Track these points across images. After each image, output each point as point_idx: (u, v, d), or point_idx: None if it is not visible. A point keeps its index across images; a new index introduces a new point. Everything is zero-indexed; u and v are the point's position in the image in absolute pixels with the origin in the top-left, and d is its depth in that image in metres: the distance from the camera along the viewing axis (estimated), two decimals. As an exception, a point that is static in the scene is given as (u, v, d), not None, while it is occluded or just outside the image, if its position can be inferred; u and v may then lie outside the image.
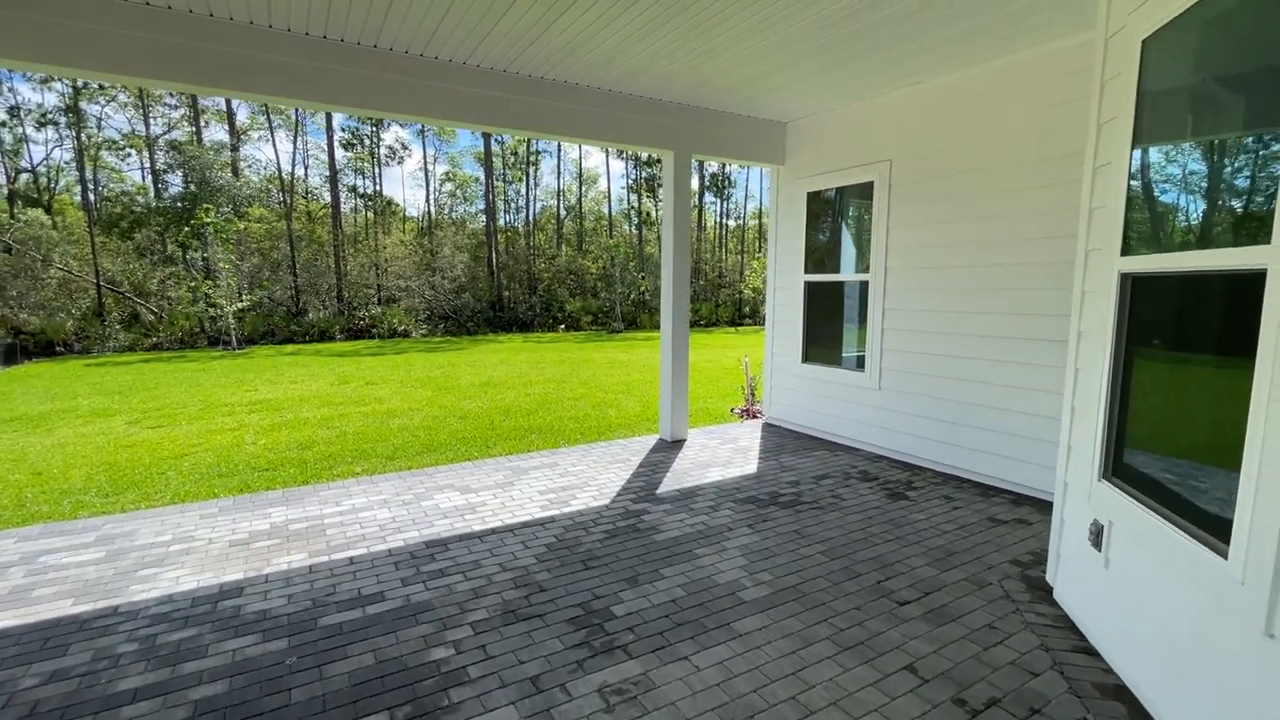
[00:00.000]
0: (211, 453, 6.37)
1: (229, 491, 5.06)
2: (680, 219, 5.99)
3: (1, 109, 32.44)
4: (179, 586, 3.22)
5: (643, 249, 40.55)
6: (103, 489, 5.21)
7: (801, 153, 6.38)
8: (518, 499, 4.57)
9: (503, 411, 8.26)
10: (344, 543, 3.77)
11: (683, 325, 6.13)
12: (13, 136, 35.17)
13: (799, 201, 6.43)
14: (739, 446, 6.05)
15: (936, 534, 3.89)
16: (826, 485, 4.85)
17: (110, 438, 7.30)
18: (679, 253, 6.01)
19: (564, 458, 5.68)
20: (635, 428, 7.19)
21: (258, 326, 27.75)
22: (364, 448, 6.40)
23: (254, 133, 40.65)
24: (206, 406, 9.32)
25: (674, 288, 6.04)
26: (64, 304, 26.46)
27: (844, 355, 6.30)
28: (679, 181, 5.93)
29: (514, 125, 5.06)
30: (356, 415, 8.22)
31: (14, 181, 32.99)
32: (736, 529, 3.96)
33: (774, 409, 7.00)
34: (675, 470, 5.26)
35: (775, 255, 6.86)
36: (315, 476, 5.40)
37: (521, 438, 6.72)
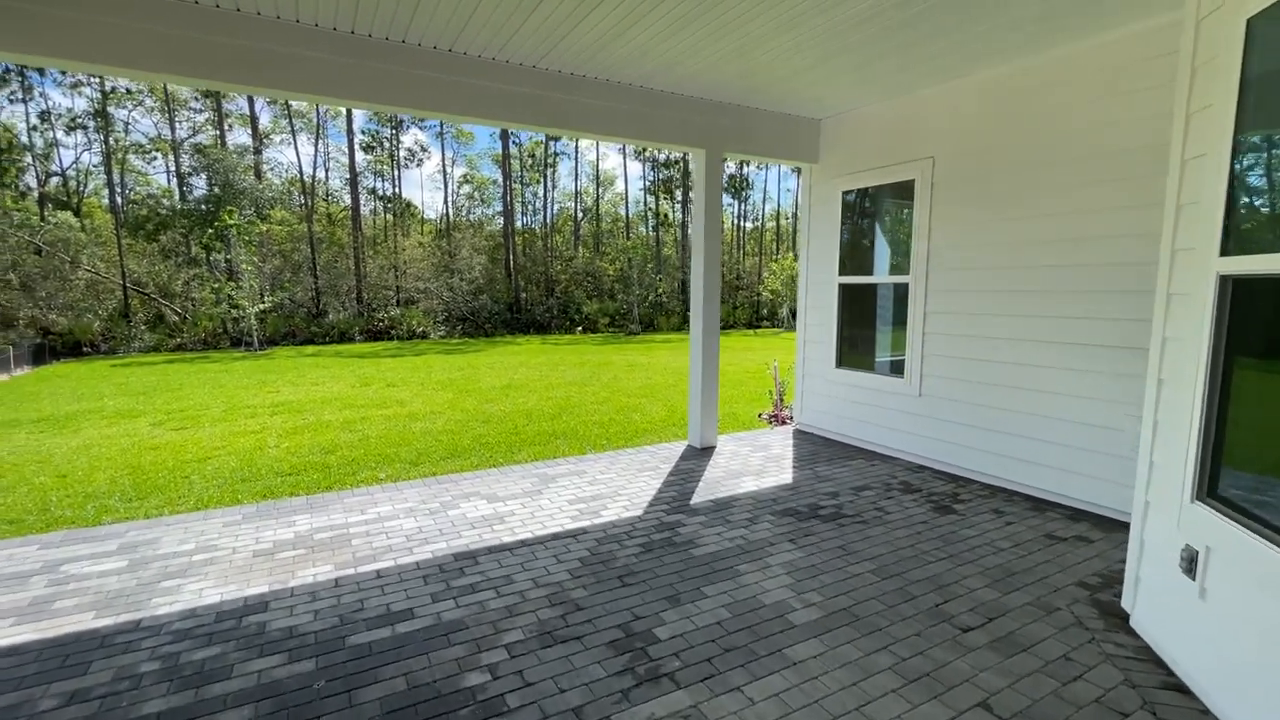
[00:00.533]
0: (234, 456, 6.30)
1: (252, 497, 4.97)
2: (712, 219, 5.81)
3: (33, 114, 33.12)
4: (203, 599, 3.10)
5: (660, 251, 40.42)
6: (126, 493, 5.14)
7: (836, 150, 6.17)
8: (547, 509, 4.41)
9: (525, 415, 8.13)
10: (370, 554, 3.63)
11: (713, 328, 5.95)
12: (44, 141, 35.92)
13: (833, 201, 6.22)
14: (771, 454, 5.85)
15: (991, 551, 3.66)
16: (868, 497, 4.64)
17: (135, 439, 7.27)
18: (710, 253, 5.83)
19: (591, 465, 5.52)
20: (662, 433, 7.01)
21: (279, 327, 28.04)
22: (387, 452, 6.29)
23: (276, 136, 41.18)
24: (229, 408, 9.31)
25: (704, 289, 5.86)
26: (91, 305, 26.92)
27: (881, 360, 6.08)
28: (710, 180, 5.75)
29: (543, 123, 4.92)
30: (378, 418, 8.14)
31: (44, 185, 33.67)
32: (778, 544, 3.77)
33: (805, 415, 6.78)
34: (708, 479, 5.08)
35: (807, 256, 6.65)
36: (339, 482, 5.29)
37: (546, 443, 6.58)
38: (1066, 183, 4.28)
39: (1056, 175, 4.34)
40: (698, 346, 5.95)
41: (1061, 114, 4.31)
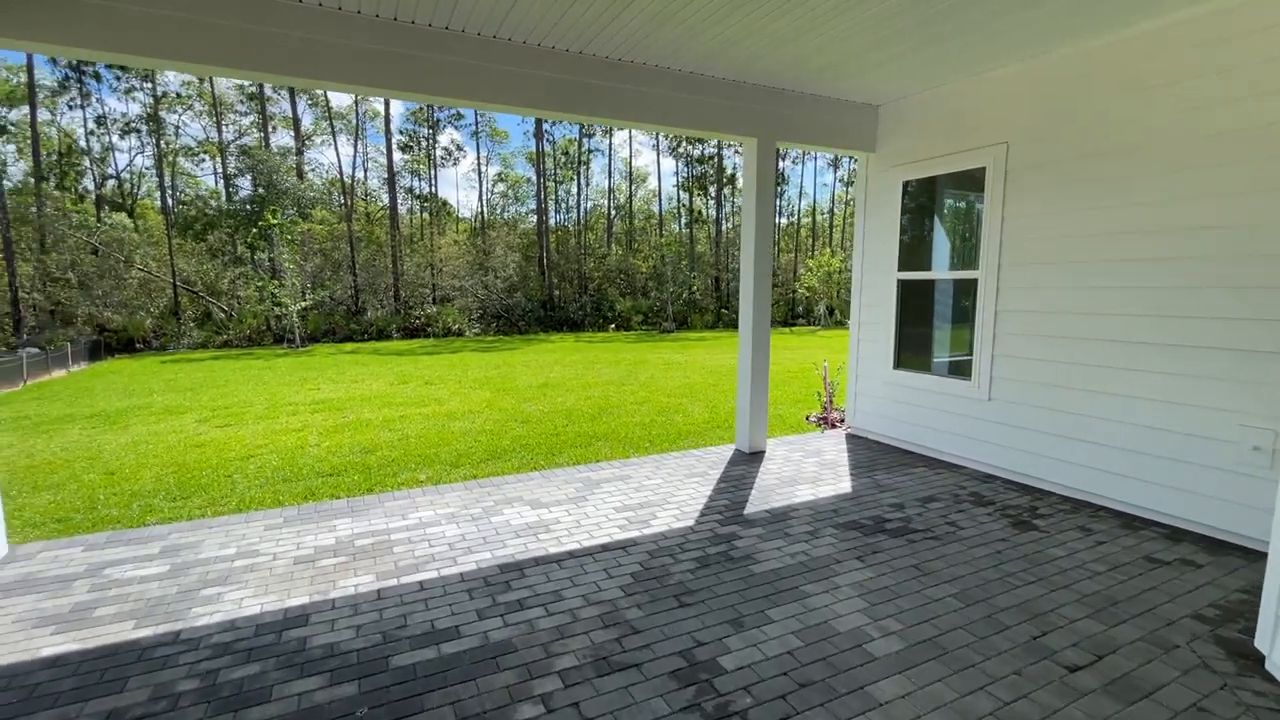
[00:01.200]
0: (276, 454, 6.27)
1: (293, 498, 4.89)
2: (763, 211, 5.52)
3: (90, 119, 34.47)
4: (242, 610, 2.97)
5: (694, 248, 40.04)
6: (171, 492, 5.12)
7: (896, 138, 5.81)
8: (593, 516, 4.20)
9: (564, 415, 7.96)
10: (413, 563, 3.47)
11: (764, 325, 5.66)
12: (100, 145, 37.38)
13: (892, 192, 5.86)
14: (825, 460, 5.53)
15: (1086, 575, 3.31)
16: (936, 509, 4.30)
17: (181, 436, 7.33)
18: (760, 247, 5.55)
19: (636, 469, 5.30)
20: (706, 436, 6.75)
21: (319, 325, 28.61)
22: (427, 453, 6.18)
23: (317, 137, 42.09)
24: (272, 405, 9.38)
25: (754, 284, 5.57)
26: (144, 303, 27.87)
27: (943, 361, 5.71)
28: (762, 171, 5.46)
29: (586, 111, 4.70)
30: (417, 417, 8.06)
31: (101, 187, 35.04)
32: (844, 561, 3.48)
33: (859, 419, 6.44)
34: (760, 487, 4.80)
35: (862, 251, 6.30)
36: (379, 484, 5.18)
37: (588, 445, 6.38)
38: (1166, 167, 3.87)
39: (1148, 160, 3.94)
40: (747, 345, 5.67)
41: (1158, 91, 3.90)
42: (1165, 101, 3.86)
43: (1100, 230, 4.23)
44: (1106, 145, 4.17)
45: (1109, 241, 4.18)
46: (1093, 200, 4.26)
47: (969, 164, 5.14)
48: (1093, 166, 4.25)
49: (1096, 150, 4.22)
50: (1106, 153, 4.17)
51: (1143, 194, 3.98)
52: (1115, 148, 4.12)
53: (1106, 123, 4.16)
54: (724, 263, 41.56)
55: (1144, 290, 4.01)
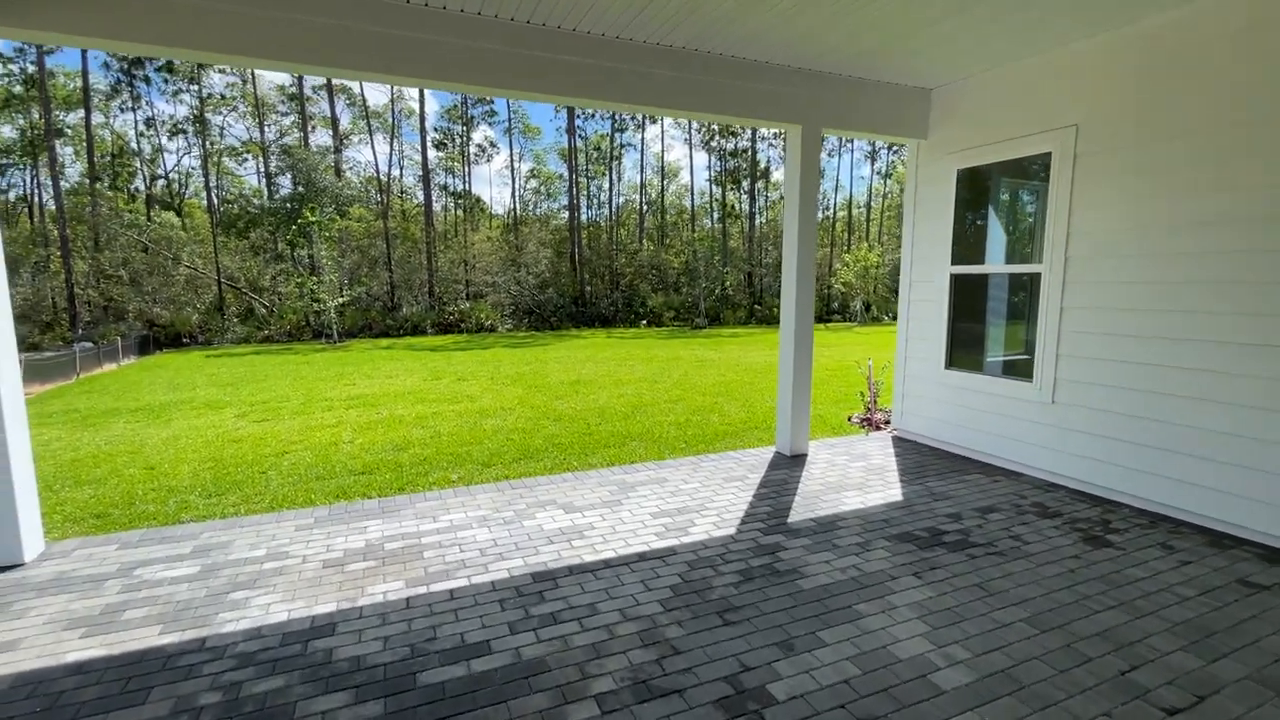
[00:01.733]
0: (310, 451, 6.26)
1: (325, 497, 4.83)
2: (807, 203, 5.25)
3: (140, 121, 35.74)
4: (269, 617, 2.87)
5: (726, 243, 39.57)
6: (206, 488, 5.12)
7: (950, 123, 5.46)
8: (628, 522, 4.02)
9: (597, 414, 7.81)
10: (443, 570, 3.34)
11: (806, 324, 5.39)
12: (151, 146, 38.74)
13: (945, 181, 5.52)
14: (871, 465, 5.25)
15: (1175, 600, 2.99)
16: (997, 521, 4.00)
17: (220, 431, 7.41)
18: (804, 241, 5.28)
19: (672, 471, 5.10)
20: (744, 437, 6.51)
21: (356, 321, 29.13)
22: (459, 451, 6.09)
23: (355, 136, 42.87)
24: (308, 400, 9.46)
25: (797, 281, 5.31)
26: (190, 299, 28.77)
27: (1000, 361, 5.36)
28: (806, 160, 5.19)
29: (626, 99, 4.50)
30: (450, 414, 8.01)
31: (151, 187, 36.32)
32: (900, 578, 3.23)
33: (906, 421, 6.12)
34: (804, 493, 4.56)
35: (911, 244, 5.97)
36: (411, 483, 5.09)
37: (621, 445, 6.21)
38: (1263, 148, 3.49)
39: (1260, 136, 3.55)
40: (788, 343, 5.41)
41: (1243, 66, 3.51)
42: (1265, 72, 3.48)
43: (1185, 219, 3.86)
44: (1199, 123, 3.79)
45: (1196, 232, 3.81)
46: (1179, 186, 3.89)
47: (1032, 149, 4.79)
48: (1180, 148, 3.88)
49: (1187, 128, 3.84)
50: (1196, 130, 3.79)
51: (1244, 177, 3.60)
52: (1210, 125, 3.74)
53: (1202, 98, 3.78)
54: (757, 258, 40.97)
55: (1237, 285, 3.64)
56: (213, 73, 35.34)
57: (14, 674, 2.47)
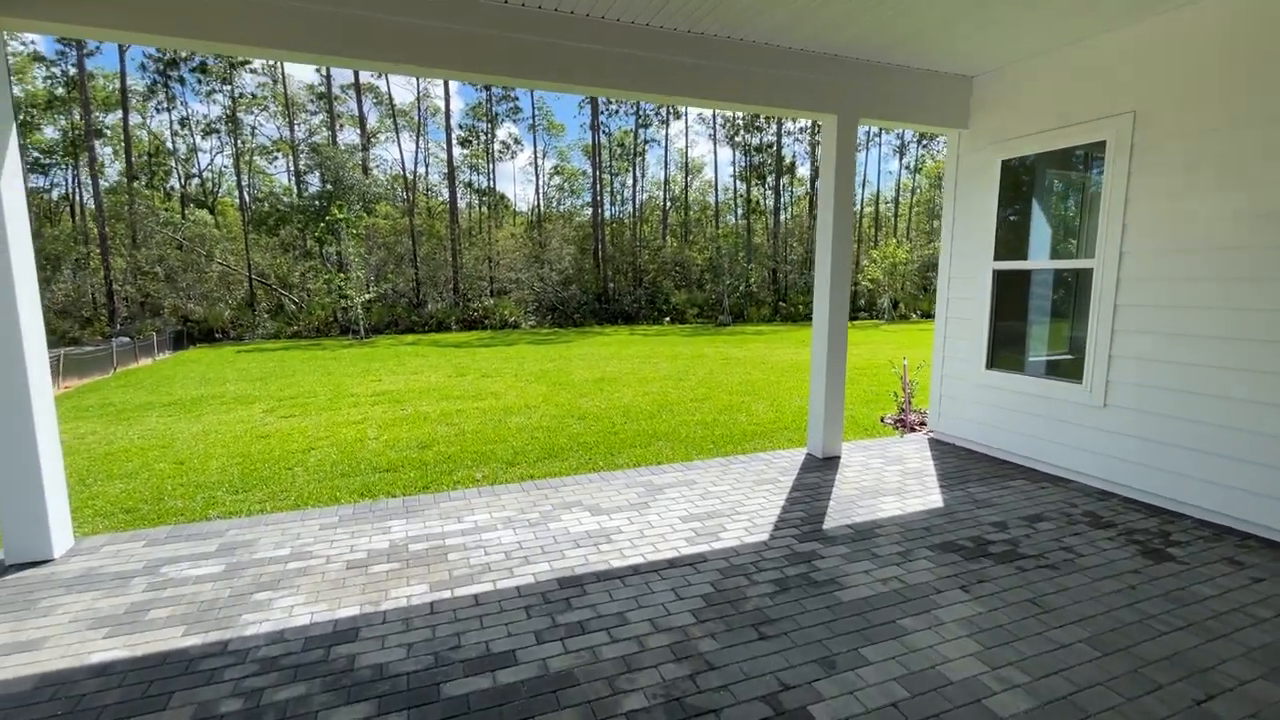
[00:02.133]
0: (336, 448, 6.25)
1: (350, 494, 4.79)
2: (843, 196, 5.06)
3: (175, 121, 36.59)
4: (292, 620, 2.81)
5: (750, 239, 39.17)
6: (234, 484, 5.13)
7: (993, 112, 5.22)
8: (657, 526, 3.89)
9: (622, 413, 7.70)
10: (468, 573, 3.26)
11: (841, 322, 5.21)
12: (185, 145, 39.66)
13: (988, 173, 5.28)
14: (909, 469, 5.05)
15: (1249, 621, 2.77)
16: (1047, 531, 3.78)
17: (248, 426, 7.47)
18: (839, 236, 5.09)
19: (701, 473, 4.97)
20: (773, 438, 6.34)
21: (383, 317, 29.47)
22: (483, 449, 6.03)
23: (381, 134, 43.38)
24: (335, 396, 9.52)
25: (832, 277, 5.12)
26: (222, 295, 29.38)
27: (1046, 361, 5.12)
28: (842, 152, 5.00)
29: (647, 88, 4.35)
30: (474, 411, 7.97)
31: (185, 186, 37.20)
32: (946, 591, 3.05)
33: (943, 422, 5.89)
34: (839, 497, 4.38)
35: (951, 238, 5.73)
36: (435, 482, 5.03)
37: (647, 445, 6.09)
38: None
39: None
40: (822, 341, 5.23)
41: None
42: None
43: (1254, 213, 3.60)
44: (1275, 108, 3.52)
45: (1266, 225, 3.55)
46: (1252, 175, 3.63)
47: (1084, 138, 4.53)
48: (1254, 134, 3.61)
49: (1266, 114, 3.57)
50: (1277, 117, 3.52)
51: (1317, 166, 3.34)
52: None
53: (1273, 79, 3.51)
54: (782, 254, 40.50)
55: (1315, 281, 3.37)
56: (244, 73, 36.03)
57: (38, 674, 2.44)
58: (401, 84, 73.21)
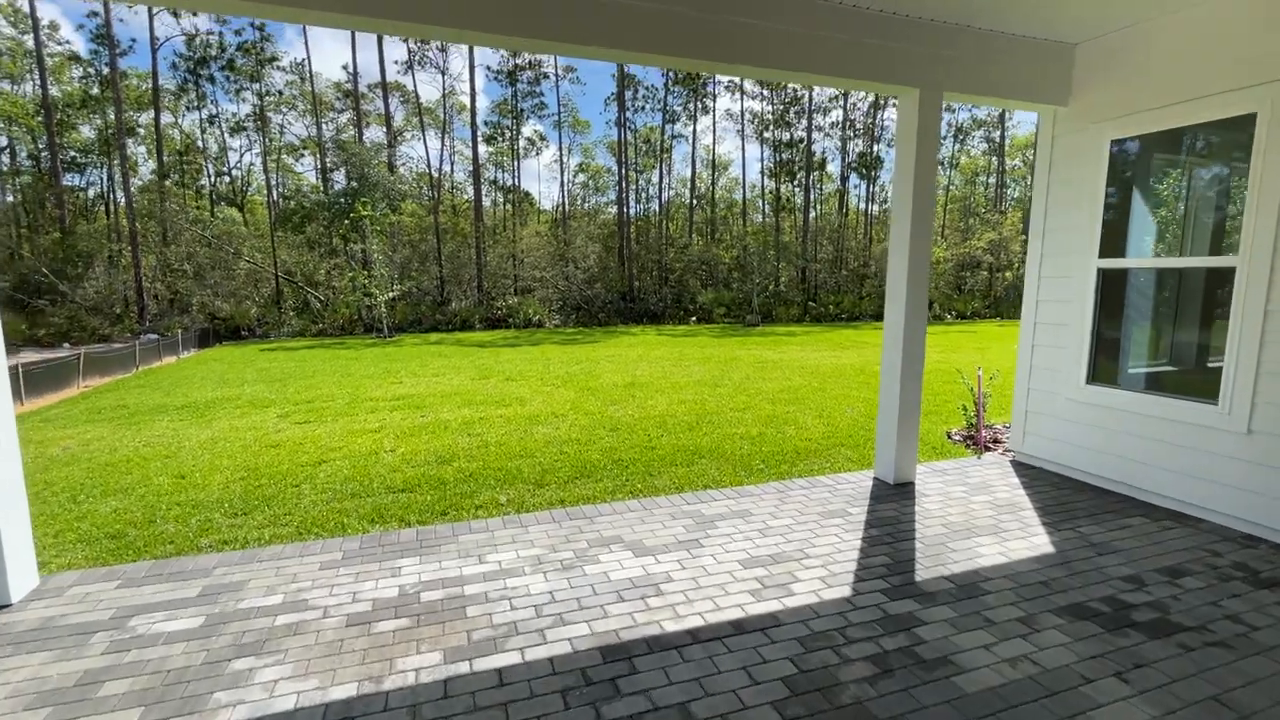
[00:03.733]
0: (349, 461, 5.75)
1: (359, 521, 4.25)
2: (924, 182, 4.37)
3: (205, 119, 36.92)
4: (274, 701, 2.25)
5: (779, 238, 38.22)
6: (234, 504, 4.63)
7: (1102, 84, 4.48)
8: (713, 572, 3.27)
9: (658, 423, 7.08)
10: (490, 637, 2.67)
11: (918, 328, 4.52)
12: (217, 145, 40.07)
13: (1093, 155, 4.54)
14: (998, 500, 4.34)
15: None
16: (1196, 591, 3.07)
17: (259, 434, 7.03)
18: (918, 229, 4.41)
19: (755, 501, 4.33)
20: (829, 457, 5.67)
21: (407, 315, 29.26)
22: (507, 466, 5.46)
23: (408, 133, 43.37)
24: (353, 400, 9.07)
25: (909, 276, 4.44)
26: (250, 292, 29.46)
27: (1165, 376, 4.37)
28: (924, 132, 4.31)
29: (707, 55, 3.73)
30: (498, 420, 7.43)
31: (215, 183, 37.56)
32: (1099, 680, 2.37)
33: (1029, 442, 5.16)
34: (925, 537, 3.71)
35: (1042, 232, 5.00)
36: (454, 506, 4.47)
37: (690, 464, 5.46)
38: None
39: None
40: (895, 347, 4.55)
41: None
42: None
43: None
44: None
45: None
46: None
47: (1223, 111, 3.79)
48: None
49: None
50: None
51: None
52: None
53: None
54: (811, 253, 39.51)
55: None
56: (273, 70, 36.19)
57: (-57, 785, 1.91)
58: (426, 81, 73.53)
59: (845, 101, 41.53)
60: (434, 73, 56.42)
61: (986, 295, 39.41)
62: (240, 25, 33.83)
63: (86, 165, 36.03)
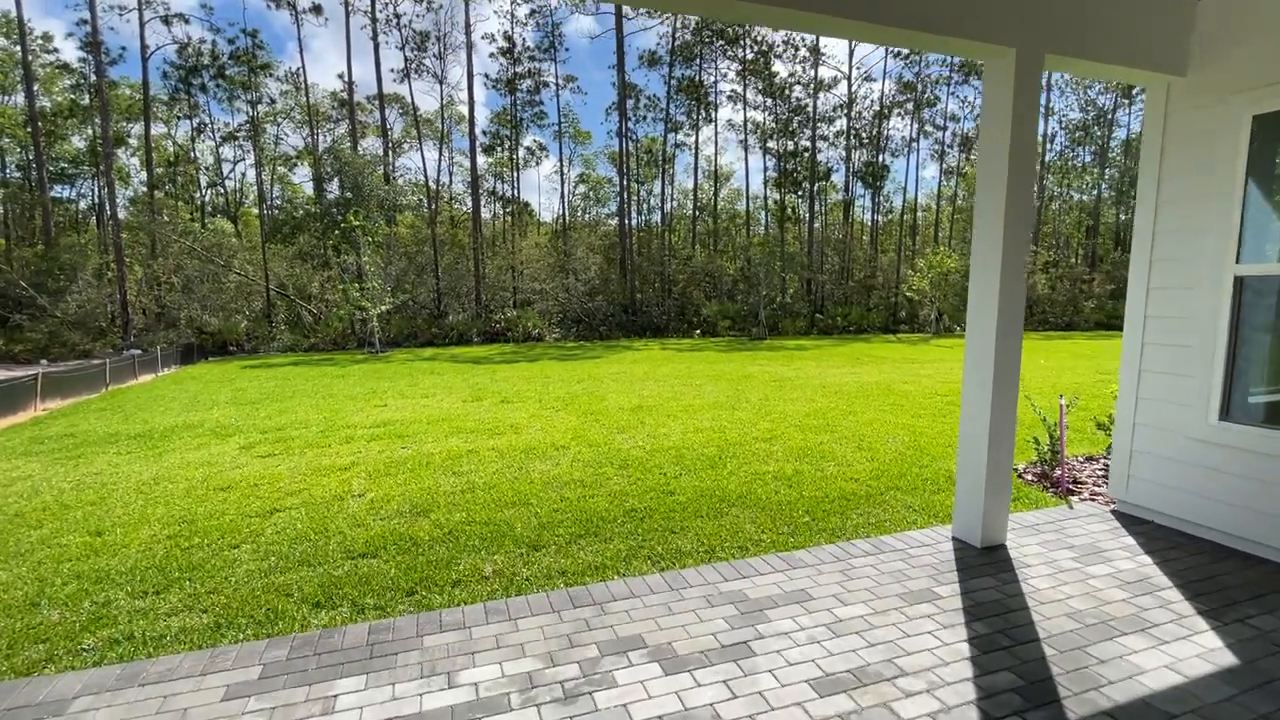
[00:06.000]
0: (306, 510, 4.79)
1: (300, 602, 3.29)
2: (1020, 161, 3.46)
3: (196, 130, 36.24)
4: None
5: (784, 248, 37.39)
6: (149, 576, 3.67)
7: (1234, 48, 3.59)
8: (776, 705, 2.31)
9: (674, 457, 6.12)
10: None
11: (1012, 342, 3.59)
12: (214, 157, 39.42)
13: (1225, 136, 3.64)
14: (1120, 572, 3.39)
15: None
16: None
17: (212, 470, 6.07)
18: (1013, 222, 3.49)
19: (813, 576, 3.37)
20: (884, 503, 4.71)
21: (402, 329, 28.34)
22: (497, 519, 4.50)
23: (405, 144, 42.76)
24: (328, 428, 8.11)
25: (1003, 274, 3.52)
26: (240, 306, 28.56)
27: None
28: (1021, 101, 3.41)
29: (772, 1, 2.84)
30: (489, 453, 6.47)
31: (206, 195, 36.80)
32: None
33: (1137, 489, 4.21)
34: (1050, 635, 2.76)
35: (1150, 235, 4.08)
36: (425, 581, 3.51)
37: (718, 514, 4.50)
38: None
39: None
40: (982, 368, 3.62)
41: None
42: None
43: None
44: None
45: None
46: None
47: None
48: None
49: None
50: None
51: None
52: None
53: None
54: (817, 264, 38.69)
55: None
56: (267, 79, 35.57)
57: None
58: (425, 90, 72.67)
59: (850, 110, 40.95)
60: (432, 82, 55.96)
61: (996, 306, 38.43)
62: (233, 34, 33.23)
63: (76, 176, 35.30)
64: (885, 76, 61.81)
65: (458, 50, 37.30)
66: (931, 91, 42.99)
